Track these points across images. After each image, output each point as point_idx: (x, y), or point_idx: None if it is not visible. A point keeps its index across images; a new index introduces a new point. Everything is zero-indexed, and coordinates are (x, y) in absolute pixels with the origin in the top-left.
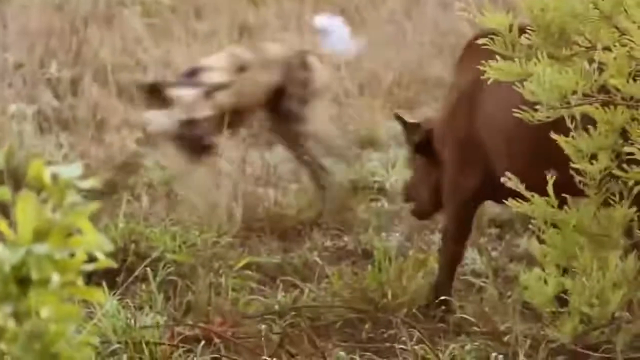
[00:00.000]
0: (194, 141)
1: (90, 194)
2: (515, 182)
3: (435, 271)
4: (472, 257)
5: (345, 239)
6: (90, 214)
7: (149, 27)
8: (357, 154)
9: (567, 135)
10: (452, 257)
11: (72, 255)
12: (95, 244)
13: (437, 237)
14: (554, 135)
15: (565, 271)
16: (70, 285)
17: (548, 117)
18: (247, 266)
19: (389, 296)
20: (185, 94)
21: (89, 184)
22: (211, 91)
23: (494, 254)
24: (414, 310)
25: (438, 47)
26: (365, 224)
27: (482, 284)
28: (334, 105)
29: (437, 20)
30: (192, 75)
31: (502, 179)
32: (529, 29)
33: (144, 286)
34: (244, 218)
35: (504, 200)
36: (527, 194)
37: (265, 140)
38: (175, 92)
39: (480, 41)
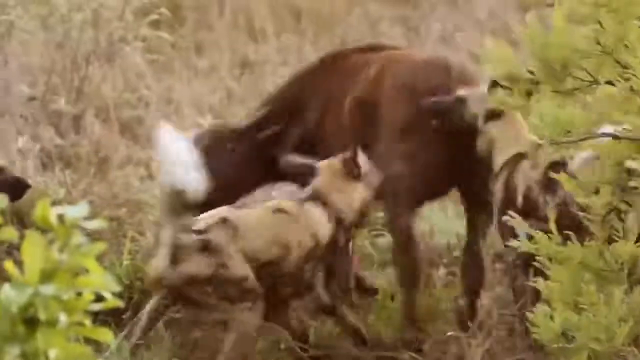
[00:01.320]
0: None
1: (95, 232)
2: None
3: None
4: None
5: None
6: (96, 253)
7: (150, 64)
8: None
9: None
10: None
11: (79, 294)
12: (102, 284)
13: (441, 272)
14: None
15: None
16: (77, 326)
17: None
18: None
19: (394, 331)
20: None
21: (94, 224)
22: None
23: (498, 289)
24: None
25: None
26: (369, 259)
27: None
28: None
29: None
30: None
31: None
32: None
33: None
34: None
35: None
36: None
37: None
38: None
39: None
